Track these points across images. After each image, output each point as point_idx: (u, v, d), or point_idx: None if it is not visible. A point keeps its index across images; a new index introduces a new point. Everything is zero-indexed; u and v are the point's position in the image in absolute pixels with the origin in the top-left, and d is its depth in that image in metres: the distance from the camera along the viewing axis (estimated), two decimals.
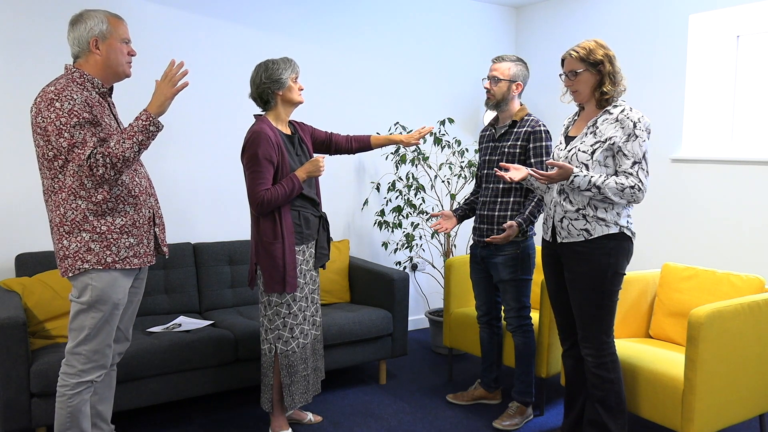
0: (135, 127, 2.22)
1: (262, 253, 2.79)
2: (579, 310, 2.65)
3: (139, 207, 2.37)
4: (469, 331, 3.65)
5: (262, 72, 2.80)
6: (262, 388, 2.95)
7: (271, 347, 2.87)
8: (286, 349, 2.85)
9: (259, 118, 2.85)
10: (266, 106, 2.85)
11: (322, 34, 4.30)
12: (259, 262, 2.82)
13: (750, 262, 3.73)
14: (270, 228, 2.78)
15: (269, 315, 2.84)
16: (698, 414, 2.57)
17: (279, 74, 2.78)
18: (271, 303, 2.83)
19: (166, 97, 2.26)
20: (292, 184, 2.76)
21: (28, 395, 2.71)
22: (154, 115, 2.24)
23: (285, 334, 2.84)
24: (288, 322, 2.84)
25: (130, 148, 2.20)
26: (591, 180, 2.47)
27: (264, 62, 2.83)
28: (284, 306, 2.83)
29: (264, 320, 2.88)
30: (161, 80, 2.27)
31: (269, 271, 2.78)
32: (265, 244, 2.78)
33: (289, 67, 2.82)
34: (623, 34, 4.35)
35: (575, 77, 2.59)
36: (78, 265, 2.25)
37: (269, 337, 2.86)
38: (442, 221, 3.32)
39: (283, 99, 2.83)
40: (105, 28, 2.29)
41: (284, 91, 2.81)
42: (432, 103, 4.81)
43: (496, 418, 3.23)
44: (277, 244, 2.77)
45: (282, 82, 2.79)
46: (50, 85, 2.24)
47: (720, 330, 2.60)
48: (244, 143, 2.80)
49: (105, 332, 2.34)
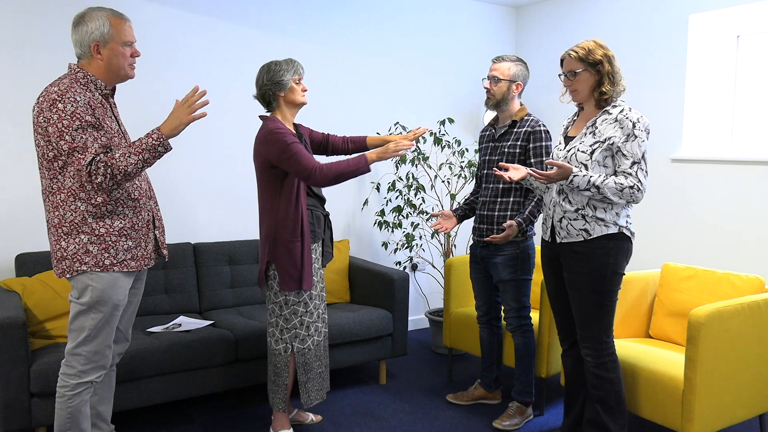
0: (144, 144, 2.21)
1: (281, 251, 2.77)
2: (578, 310, 2.65)
3: (138, 210, 2.36)
4: (469, 331, 3.65)
5: (264, 74, 2.80)
6: (274, 388, 2.92)
7: (287, 346, 2.85)
8: (303, 348, 2.85)
9: (268, 117, 2.83)
10: (269, 107, 2.86)
11: (321, 33, 4.30)
12: (274, 261, 2.79)
13: (750, 262, 3.73)
14: (290, 226, 2.77)
15: (285, 314, 2.83)
16: (698, 414, 2.57)
17: (281, 76, 2.78)
18: (288, 302, 2.82)
19: (181, 122, 2.25)
20: (358, 162, 2.72)
21: (28, 395, 2.72)
22: (166, 136, 2.24)
23: (302, 332, 2.84)
24: (305, 320, 2.84)
25: (134, 164, 2.20)
26: (590, 180, 2.47)
27: (267, 63, 2.83)
28: (301, 305, 2.83)
29: (279, 320, 2.85)
30: (180, 104, 2.26)
31: (287, 269, 2.77)
32: (285, 242, 2.77)
33: (292, 69, 2.81)
34: (623, 34, 4.35)
35: (574, 77, 2.59)
36: (76, 266, 2.24)
37: (285, 337, 2.84)
38: (442, 221, 3.32)
39: (285, 100, 2.83)
40: (106, 32, 2.26)
41: (286, 92, 2.81)
42: (432, 103, 4.81)
43: (496, 418, 3.23)
44: (296, 242, 2.77)
45: (283, 84, 2.79)
46: (53, 85, 2.23)
47: (720, 330, 2.60)
48: (263, 141, 2.75)
49: (105, 333, 2.34)
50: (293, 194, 2.78)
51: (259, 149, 2.78)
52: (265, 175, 2.79)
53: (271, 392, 2.94)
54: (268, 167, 2.76)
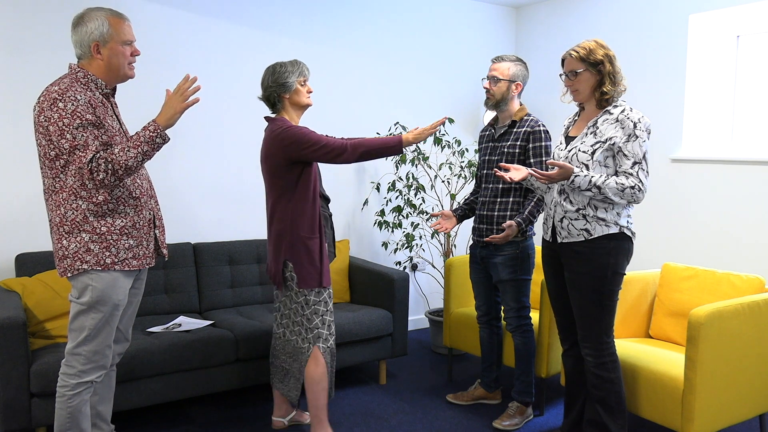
0: (141, 137, 2.21)
1: (300, 248, 2.74)
2: (579, 310, 2.65)
3: (139, 209, 2.36)
4: (469, 331, 3.65)
5: (270, 75, 2.78)
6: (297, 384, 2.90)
7: (310, 347, 2.81)
8: (326, 347, 2.83)
9: (276, 118, 2.80)
10: (274, 108, 2.84)
11: (321, 33, 4.30)
12: (292, 259, 2.75)
13: (750, 262, 3.73)
14: (308, 223, 2.75)
15: (307, 314, 2.79)
16: (698, 414, 2.57)
17: (285, 78, 2.76)
18: (309, 302, 2.78)
19: (176, 111, 2.25)
20: (389, 141, 2.69)
21: (28, 395, 2.71)
22: (162, 127, 2.24)
23: (324, 331, 2.81)
24: (326, 319, 2.82)
25: (134, 158, 2.20)
26: (591, 180, 2.47)
27: (273, 65, 2.81)
28: (322, 303, 2.80)
29: (302, 319, 2.81)
30: (173, 93, 2.26)
31: (306, 267, 2.75)
32: (303, 240, 2.74)
33: (297, 70, 2.79)
34: (623, 34, 4.36)
35: (575, 77, 2.59)
36: (77, 265, 2.25)
37: (309, 337, 2.81)
38: (441, 221, 3.32)
39: (290, 102, 2.81)
40: (106, 31, 2.26)
41: (291, 94, 2.79)
42: (432, 103, 4.81)
43: (496, 418, 3.23)
44: (315, 239, 2.76)
45: (288, 86, 2.77)
46: (54, 84, 2.23)
47: (720, 330, 2.60)
48: (276, 140, 2.71)
49: (105, 333, 2.34)
50: (310, 191, 2.75)
51: (271, 150, 2.73)
52: (280, 173, 2.73)
53: (298, 389, 2.92)
54: (286, 165, 2.71)
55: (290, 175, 2.73)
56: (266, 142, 2.78)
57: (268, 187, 2.82)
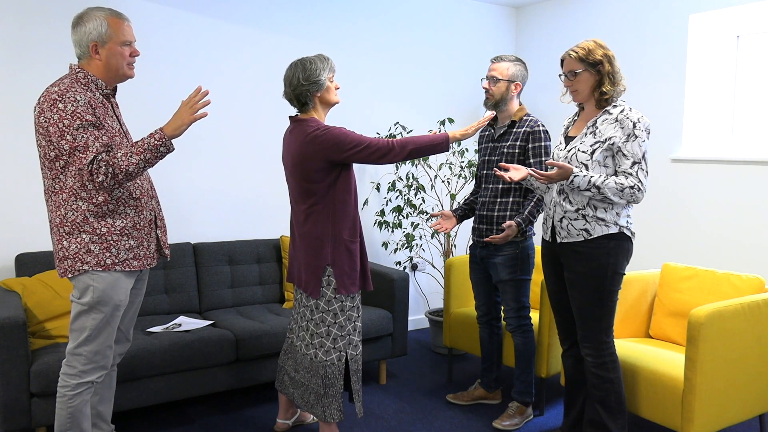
0: (146, 144, 2.21)
1: (342, 253, 2.64)
2: (579, 310, 2.65)
3: (140, 209, 2.36)
4: (469, 331, 3.65)
5: (300, 72, 2.61)
6: (326, 401, 2.73)
7: (341, 355, 2.71)
8: (356, 354, 2.75)
9: (309, 119, 2.63)
10: (304, 108, 2.67)
11: (321, 33, 4.30)
12: (333, 264, 2.64)
13: (750, 262, 3.73)
14: (349, 227, 2.67)
15: (341, 321, 2.68)
16: (698, 414, 2.57)
17: (318, 75, 2.60)
18: (344, 308, 2.68)
19: (184, 122, 2.24)
20: (435, 138, 2.62)
21: (28, 395, 2.71)
22: (168, 136, 2.23)
23: (355, 338, 2.73)
24: (357, 325, 2.74)
25: (136, 164, 2.20)
26: (591, 180, 2.47)
27: (300, 61, 2.63)
28: (356, 309, 2.73)
29: (332, 329, 2.68)
30: (183, 104, 2.25)
31: (348, 271, 2.66)
32: (346, 243, 2.65)
33: (327, 67, 2.64)
34: (623, 34, 4.36)
35: (574, 77, 2.59)
36: (77, 266, 2.24)
37: (339, 345, 2.70)
38: (441, 221, 3.32)
39: (321, 100, 2.67)
40: (104, 32, 2.26)
41: (323, 92, 2.65)
42: (432, 103, 4.81)
43: (496, 418, 3.23)
44: (356, 243, 2.69)
45: (321, 84, 2.62)
46: (54, 85, 2.23)
47: (720, 330, 2.60)
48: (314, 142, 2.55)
49: (106, 333, 2.34)
50: (351, 193, 2.67)
51: (307, 153, 2.57)
52: (318, 176, 2.59)
53: (323, 405, 2.74)
54: (326, 168, 2.58)
55: (328, 178, 2.60)
56: (298, 145, 2.60)
57: (299, 191, 2.66)
